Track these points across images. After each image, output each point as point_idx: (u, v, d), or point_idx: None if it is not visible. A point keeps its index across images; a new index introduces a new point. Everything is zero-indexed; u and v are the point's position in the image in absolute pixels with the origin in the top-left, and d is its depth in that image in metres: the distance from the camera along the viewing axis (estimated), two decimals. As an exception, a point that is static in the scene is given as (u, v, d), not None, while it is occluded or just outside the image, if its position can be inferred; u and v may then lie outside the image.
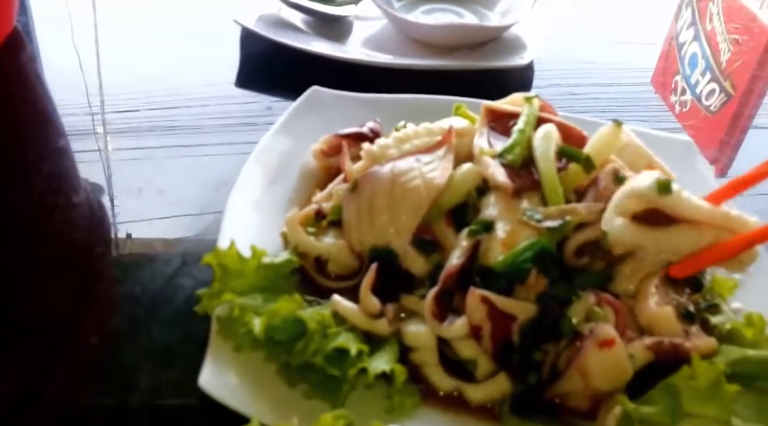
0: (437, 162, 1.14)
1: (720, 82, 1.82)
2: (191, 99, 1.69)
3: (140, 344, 1.07)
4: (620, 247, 1.00)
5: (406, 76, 1.72)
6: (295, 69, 1.71)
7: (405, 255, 1.07)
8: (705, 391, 0.92)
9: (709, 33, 1.97)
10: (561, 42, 2.03)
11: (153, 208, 1.33)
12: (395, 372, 0.94)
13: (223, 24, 1.92)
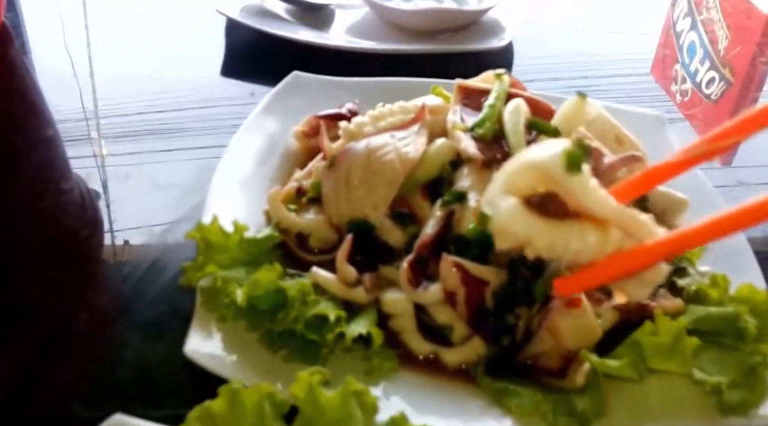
0: (411, 137, 1.18)
1: (719, 70, 1.82)
2: (176, 88, 1.73)
3: (130, 319, 1.10)
4: (505, 238, 0.79)
5: (387, 61, 1.76)
6: (278, 57, 1.75)
7: (382, 227, 1.11)
8: (667, 347, 0.95)
9: (706, 21, 1.98)
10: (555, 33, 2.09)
11: (141, 192, 1.36)
12: (372, 335, 0.97)
13: (207, 15, 1.96)
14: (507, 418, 0.94)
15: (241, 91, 1.73)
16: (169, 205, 1.30)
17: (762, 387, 0.94)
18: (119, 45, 1.95)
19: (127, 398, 0.98)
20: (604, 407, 0.94)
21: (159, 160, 1.45)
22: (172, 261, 1.19)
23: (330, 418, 0.79)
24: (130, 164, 1.41)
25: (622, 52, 2.02)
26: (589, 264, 0.80)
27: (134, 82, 1.75)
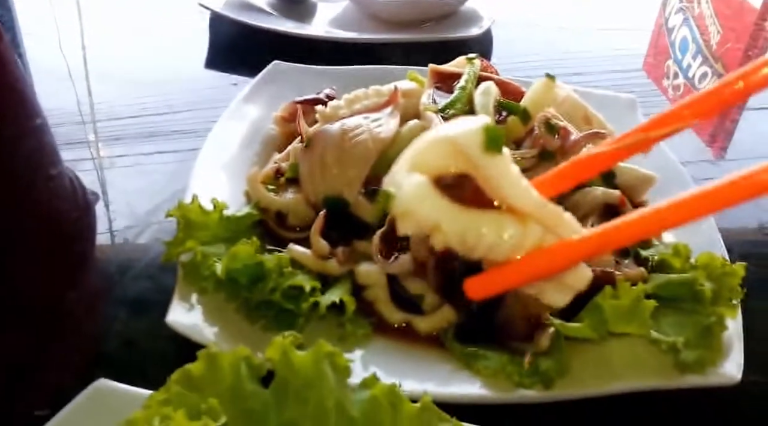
0: (384, 119, 1.23)
1: (712, 65, 1.86)
2: (161, 80, 1.77)
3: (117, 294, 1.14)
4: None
5: (367, 52, 1.80)
6: (261, 50, 1.77)
7: (356, 203, 1.16)
8: (627, 310, 0.99)
9: (698, 16, 2.02)
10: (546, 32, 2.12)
11: (128, 177, 1.41)
12: (346, 302, 1.02)
13: (190, 9, 2.01)
14: (475, 379, 0.98)
15: (224, 82, 1.76)
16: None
17: (717, 346, 0.99)
18: (106, 40, 1.99)
19: (112, 366, 1.02)
20: (567, 367, 0.98)
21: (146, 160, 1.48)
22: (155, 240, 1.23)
23: (303, 379, 0.82)
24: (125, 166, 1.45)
25: (612, 48, 2.04)
26: (504, 262, 0.68)
27: (122, 77, 1.79)
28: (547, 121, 1.16)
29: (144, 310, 1.12)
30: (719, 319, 0.99)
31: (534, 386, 0.96)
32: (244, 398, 0.81)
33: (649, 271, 1.12)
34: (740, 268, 1.04)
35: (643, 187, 1.29)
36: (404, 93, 1.28)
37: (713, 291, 1.02)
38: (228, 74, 1.81)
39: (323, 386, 0.82)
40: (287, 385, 0.82)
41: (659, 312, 1.03)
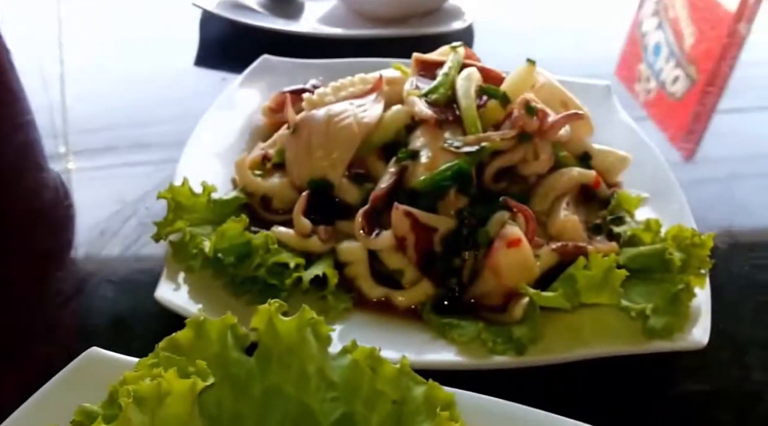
0: (369, 104, 1.27)
1: (684, 68, 1.88)
2: (151, 76, 1.83)
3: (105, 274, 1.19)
4: None
5: (354, 47, 1.81)
6: (251, 47, 1.77)
7: (340, 185, 1.20)
8: (598, 281, 1.03)
9: (673, 20, 2.05)
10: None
11: (115, 167, 1.46)
12: (328, 275, 1.06)
13: (182, 8, 2.06)
14: (451, 347, 1.02)
15: (215, 78, 1.81)
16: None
17: (685, 312, 1.03)
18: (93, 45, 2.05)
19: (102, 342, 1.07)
20: (540, 335, 1.02)
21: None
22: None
23: (286, 345, 0.86)
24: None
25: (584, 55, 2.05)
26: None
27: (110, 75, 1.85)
28: (526, 104, 1.20)
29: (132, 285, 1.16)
30: (687, 286, 1.03)
31: (507, 352, 1.00)
32: (230, 364, 0.84)
33: (621, 246, 1.15)
34: (709, 239, 1.08)
35: (618, 168, 1.33)
36: (388, 81, 1.32)
37: (682, 260, 1.06)
38: (218, 71, 1.84)
39: (305, 352, 0.86)
40: (271, 352, 0.85)
41: (630, 282, 1.07)
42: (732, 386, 1.06)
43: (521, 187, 1.22)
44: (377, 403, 0.84)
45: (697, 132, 1.68)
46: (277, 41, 1.83)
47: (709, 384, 1.07)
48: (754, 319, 1.17)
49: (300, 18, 2.07)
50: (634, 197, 1.25)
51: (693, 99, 1.77)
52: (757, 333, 1.14)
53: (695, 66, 1.87)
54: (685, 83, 1.81)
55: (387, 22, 1.99)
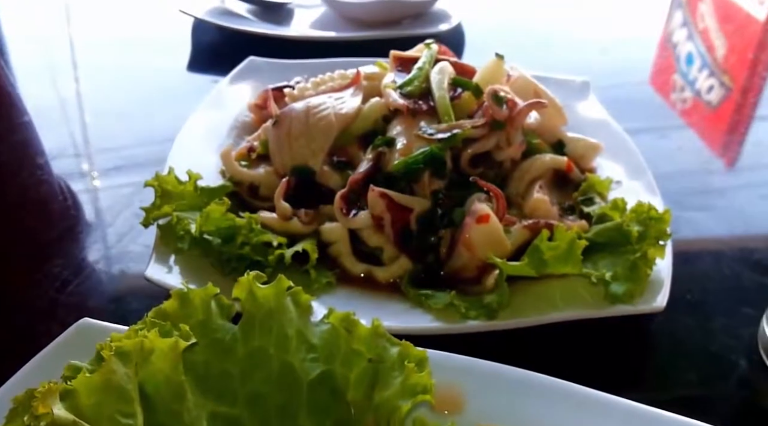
0: (347, 98, 1.34)
1: (718, 77, 1.89)
2: (144, 79, 1.90)
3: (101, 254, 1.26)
4: None
5: (342, 50, 1.88)
6: (241, 52, 1.83)
7: (321, 172, 1.27)
8: (563, 252, 1.10)
9: (703, 31, 2.07)
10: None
11: (109, 161, 1.53)
12: (309, 250, 1.13)
13: (172, 15, 2.14)
14: (427, 314, 1.08)
15: (205, 81, 1.88)
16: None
17: (643, 278, 1.09)
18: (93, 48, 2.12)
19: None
20: (510, 301, 1.08)
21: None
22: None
23: (266, 310, 0.91)
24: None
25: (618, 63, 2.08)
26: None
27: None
28: (495, 93, 1.26)
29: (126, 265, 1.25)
30: (644, 255, 1.09)
31: (479, 317, 1.06)
32: (214, 330, 0.90)
33: (592, 225, 1.22)
34: (667, 214, 1.14)
35: (591, 154, 1.40)
36: (367, 76, 1.39)
37: (639, 232, 1.12)
38: (209, 74, 1.91)
39: (284, 317, 0.91)
40: (253, 318, 0.91)
41: (596, 255, 1.14)
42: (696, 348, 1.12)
43: (497, 172, 1.29)
44: (354, 362, 0.90)
45: (735, 139, 1.69)
46: (267, 46, 1.88)
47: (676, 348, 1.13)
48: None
49: (290, 24, 2.14)
50: (604, 180, 1.31)
51: (729, 107, 1.79)
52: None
53: (729, 75, 1.88)
54: (721, 92, 1.83)
55: (373, 25, 2.06)
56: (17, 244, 1.27)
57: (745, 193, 1.46)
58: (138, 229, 1.27)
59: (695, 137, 1.68)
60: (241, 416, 0.88)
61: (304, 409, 0.89)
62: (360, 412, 0.89)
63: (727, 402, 1.05)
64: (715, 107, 1.75)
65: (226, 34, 2.02)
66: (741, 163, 1.62)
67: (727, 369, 1.09)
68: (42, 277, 1.21)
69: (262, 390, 0.89)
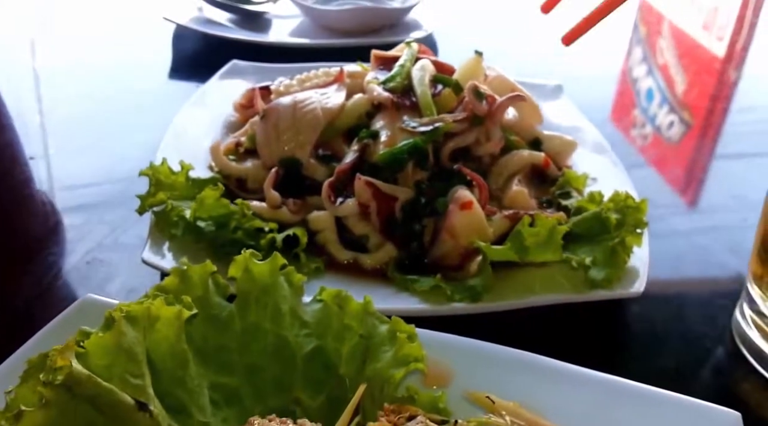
0: (332, 93, 1.39)
1: (678, 113, 1.91)
2: (130, 84, 1.94)
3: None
4: None
5: (320, 56, 1.90)
6: (222, 59, 1.87)
7: (308, 164, 1.31)
8: (544, 239, 1.14)
9: (662, 66, 2.10)
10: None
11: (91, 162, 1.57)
12: (298, 235, 1.17)
13: (154, 24, 2.18)
14: (413, 297, 1.12)
15: (188, 86, 1.92)
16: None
17: (622, 264, 1.14)
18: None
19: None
20: (493, 285, 1.12)
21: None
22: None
23: (261, 286, 0.95)
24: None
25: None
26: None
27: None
28: (475, 89, 1.31)
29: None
30: (622, 241, 1.14)
31: (464, 300, 1.10)
32: (211, 306, 0.94)
33: (569, 217, 1.26)
34: (644, 203, 1.19)
35: (567, 151, 1.45)
36: (350, 74, 1.44)
37: (617, 219, 1.17)
38: (191, 80, 1.95)
39: (279, 293, 0.95)
40: (248, 295, 0.94)
41: (575, 244, 1.19)
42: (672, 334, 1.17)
43: (477, 167, 1.33)
44: (346, 337, 0.94)
45: (696, 176, 1.68)
46: (247, 54, 1.91)
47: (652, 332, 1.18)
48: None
49: (268, 32, 2.18)
50: (580, 175, 1.36)
51: (690, 143, 1.81)
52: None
53: (689, 111, 1.91)
54: (681, 128, 1.85)
55: (349, 34, 2.11)
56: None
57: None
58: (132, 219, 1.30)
59: (655, 175, 1.69)
60: (240, 386, 0.91)
61: (300, 381, 0.93)
62: (354, 384, 0.92)
63: (702, 385, 1.09)
64: (675, 143, 1.78)
65: (205, 43, 2.07)
66: (703, 202, 1.62)
67: (702, 354, 1.14)
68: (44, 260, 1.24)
69: (258, 362, 0.92)
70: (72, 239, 1.33)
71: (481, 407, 0.89)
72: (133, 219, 1.27)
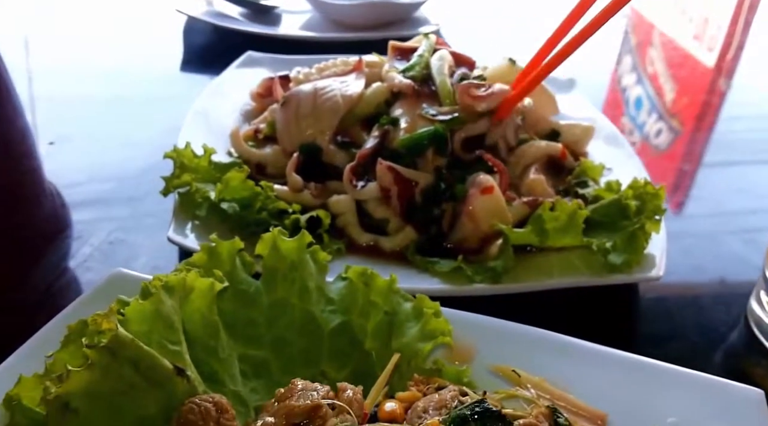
0: (351, 81, 1.40)
1: (667, 121, 1.92)
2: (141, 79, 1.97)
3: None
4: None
5: (330, 49, 1.90)
6: (234, 52, 1.89)
7: (327, 150, 1.33)
8: (564, 224, 1.16)
9: (652, 76, 2.11)
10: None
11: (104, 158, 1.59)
12: (321, 216, 1.19)
13: (163, 17, 2.22)
14: (435, 278, 1.14)
15: (201, 77, 1.94)
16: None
17: (640, 249, 1.16)
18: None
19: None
20: (514, 268, 1.14)
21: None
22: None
23: (289, 262, 0.96)
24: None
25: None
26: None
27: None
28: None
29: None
30: (642, 227, 1.15)
31: (485, 281, 1.12)
32: (239, 282, 0.95)
33: (586, 205, 1.28)
34: (662, 190, 1.21)
35: (585, 138, 1.48)
36: (368, 63, 1.46)
37: (637, 206, 1.19)
38: (203, 72, 1.97)
39: (306, 270, 0.97)
40: (275, 271, 0.96)
41: (594, 230, 1.20)
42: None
43: (494, 156, 1.34)
44: (371, 313, 0.96)
45: (683, 184, 1.69)
46: (257, 47, 1.91)
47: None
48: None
49: (278, 27, 2.20)
50: (597, 165, 1.37)
51: (679, 150, 1.82)
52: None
53: (678, 119, 1.92)
54: (669, 136, 1.86)
55: (359, 28, 2.13)
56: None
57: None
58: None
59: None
60: (268, 359, 0.93)
61: (326, 355, 0.95)
62: (379, 358, 0.94)
63: (717, 367, 1.11)
64: (663, 151, 1.79)
65: (215, 35, 2.12)
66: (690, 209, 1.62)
67: (717, 339, 1.16)
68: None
69: (286, 336, 0.94)
70: (90, 223, 1.35)
71: (507, 380, 0.90)
72: (151, 203, 1.32)
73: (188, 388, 0.79)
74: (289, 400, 0.74)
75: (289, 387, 0.77)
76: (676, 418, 0.86)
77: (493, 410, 0.71)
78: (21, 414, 0.77)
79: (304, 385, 0.77)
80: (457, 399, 0.77)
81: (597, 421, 0.86)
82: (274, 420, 0.72)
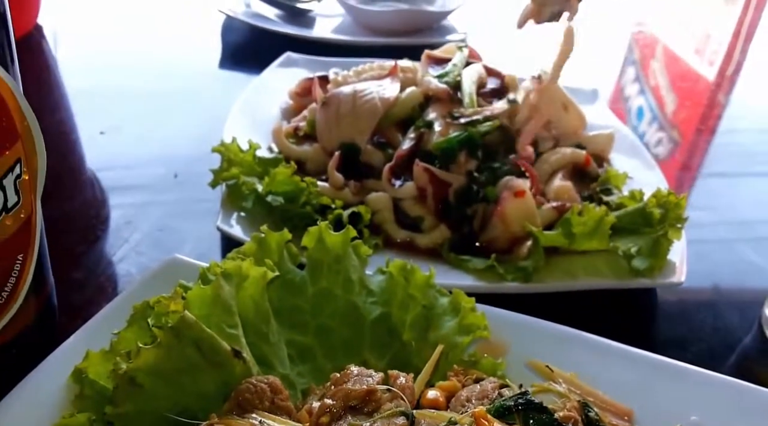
0: (387, 85, 1.47)
1: (667, 131, 1.95)
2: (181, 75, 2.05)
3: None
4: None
5: (363, 53, 1.94)
6: (268, 52, 1.94)
7: (365, 150, 1.39)
8: (591, 228, 1.22)
9: (654, 87, 2.14)
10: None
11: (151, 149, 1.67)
12: (362, 212, 1.25)
13: (203, 16, 2.31)
14: (468, 275, 1.20)
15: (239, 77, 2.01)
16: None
17: (664, 255, 1.21)
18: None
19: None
20: (544, 268, 1.20)
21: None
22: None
23: (334, 255, 1.01)
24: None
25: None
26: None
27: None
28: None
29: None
30: (665, 234, 1.21)
31: (516, 280, 1.18)
32: (286, 272, 1.01)
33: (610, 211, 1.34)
34: (683, 199, 1.26)
35: (609, 145, 1.53)
36: (402, 68, 1.51)
37: (660, 214, 1.24)
38: (241, 71, 2.08)
39: (350, 263, 1.02)
40: (321, 263, 1.01)
41: (618, 236, 1.25)
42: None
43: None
44: (410, 306, 1.01)
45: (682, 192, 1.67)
46: (292, 48, 1.95)
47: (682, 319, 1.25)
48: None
49: (312, 29, 2.26)
50: (621, 174, 1.43)
51: (678, 161, 1.84)
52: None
53: (678, 129, 1.95)
54: (669, 146, 1.90)
55: (390, 34, 2.19)
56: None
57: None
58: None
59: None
60: (313, 345, 0.99)
61: (367, 344, 1.00)
62: (417, 349, 0.99)
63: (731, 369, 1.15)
64: (662, 160, 1.79)
65: (252, 36, 2.20)
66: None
67: (733, 343, 1.21)
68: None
69: (329, 324, 1.00)
70: (141, 207, 1.42)
71: (540, 375, 0.96)
72: (196, 193, 1.38)
73: (244, 369, 0.85)
74: (345, 384, 0.79)
75: (344, 372, 0.82)
76: (698, 416, 0.90)
77: (535, 402, 0.76)
78: (89, 387, 0.84)
79: (359, 371, 0.82)
80: (497, 391, 0.82)
81: (624, 417, 0.91)
82: (332, 401, 0.77)
